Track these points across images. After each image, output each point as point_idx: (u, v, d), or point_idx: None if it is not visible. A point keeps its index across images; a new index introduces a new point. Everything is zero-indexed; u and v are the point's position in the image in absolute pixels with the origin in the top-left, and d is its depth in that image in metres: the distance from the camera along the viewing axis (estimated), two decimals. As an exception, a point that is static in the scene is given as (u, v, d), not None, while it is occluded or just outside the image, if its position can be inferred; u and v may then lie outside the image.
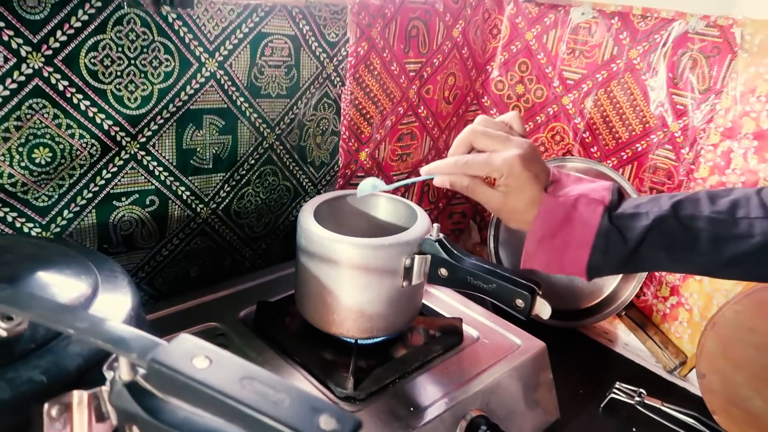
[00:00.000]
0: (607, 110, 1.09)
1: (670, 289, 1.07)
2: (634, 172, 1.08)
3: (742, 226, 0.54)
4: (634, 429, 0.91)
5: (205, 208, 0.84)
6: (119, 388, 0.38)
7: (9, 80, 0.61)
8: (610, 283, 1.11)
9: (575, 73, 1.11)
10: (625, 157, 1.09)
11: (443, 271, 0.69)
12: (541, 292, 0.65)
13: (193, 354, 0.36)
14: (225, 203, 0.86)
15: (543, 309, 0.64)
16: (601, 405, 0.95)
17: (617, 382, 0.97)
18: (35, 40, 0.62)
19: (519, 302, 0.65)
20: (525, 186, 0.59)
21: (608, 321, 1.13)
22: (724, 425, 0.90)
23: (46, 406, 0.38)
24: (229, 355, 0.36)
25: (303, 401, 0.34)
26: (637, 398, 0.95)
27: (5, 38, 0.60)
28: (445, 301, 0.89)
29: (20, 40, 0.61)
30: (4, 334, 0.40)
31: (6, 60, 0.61)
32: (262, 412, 0.33)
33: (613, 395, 0.96)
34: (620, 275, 1.10)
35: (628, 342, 1.13)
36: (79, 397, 0.39)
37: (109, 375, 0.40)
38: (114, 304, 0.47)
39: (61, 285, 0.46)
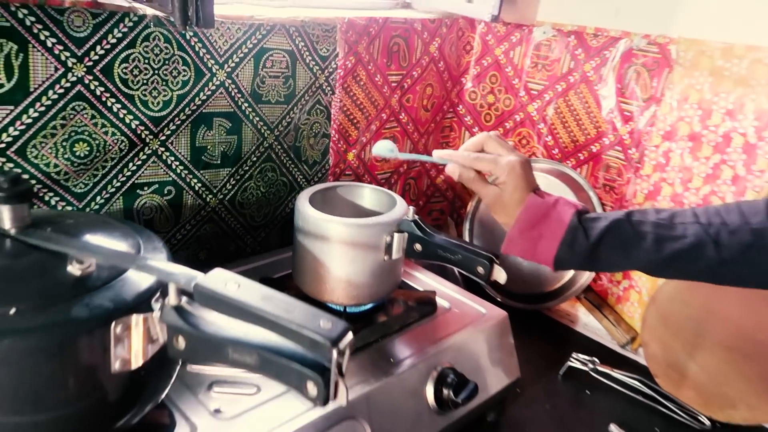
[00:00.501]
0: (565, 117, 1.24)
1: (623, 274, 1.21)
2: (590, 170, 1.23)
3: (678, 229, 0.68)
4: (587, 391, 1.05)
5: (213, 199, 0.97)
6: (168, 309, 0.51)
7: (57, 86, 0.74)
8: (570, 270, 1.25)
9: (538, 84, 1.26)
10: (582, 158, 1.23)
11: (418, 246, 0.82)
12: (498, 261, 0.78)
13: (226, 280, 0.49)
14: (230, 195, 0.99)
15: (500, 275, 0.78)
16: (560, 372, 1.09)
17: (574, 353, 1.11)
18: (79, 54, 0.75)
19: (480, 269, 0.78)
20: (518, 186, 0.73)
21: (569, 303, 1.27)
22: (664, 386, 1.04)
23: (113, 324, 0.51)
24: (252, 282, 0.49)
25: (308, 311, 0.47)
26: (591, 366, 1.08)
27: (56, 51, 0.73)
28: (421, 279, 1.02)
29: (68, 54, 0.74)
30: (78, 273, 0.53)
31: (56, 69, 0.74)
32: (280, 317, 0.46)
33: (570, 363, 1.09)
34: (579, 262, 1.24)
35: (587, 322, 1.26)
36: (136, 320, 0.52)
37: (156, 305, 0.53)
38: (154, 257, 0.59)
39: (113, 243, 0.59)
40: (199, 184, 0.94)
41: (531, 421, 0.97)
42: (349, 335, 0.46)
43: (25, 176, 0.74)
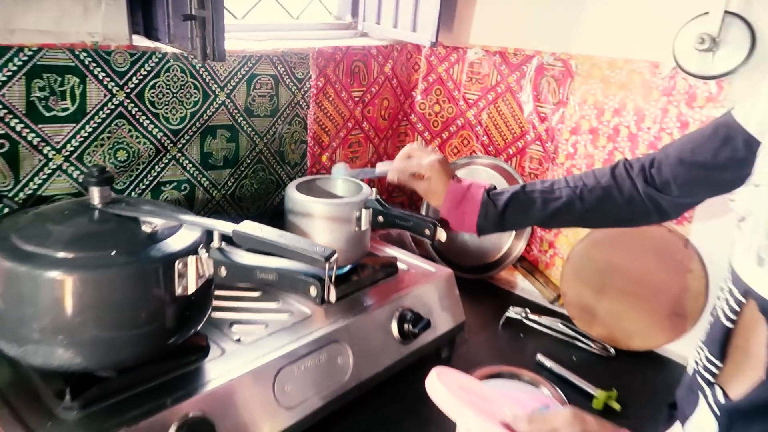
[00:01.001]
0: (496, 120, 1.53)
1: (548, 243, 1.51)
2: (518, 162, 1.52)
3: (556, 192, 0.97)
4: (521, 334, 1.33)
5: (218, 194, 1.22)
6: (214, 250, 0.76)
7: (105, 108, 0.99)
8: (505, 243, 1.53)
9: (473, 94, 1.55)
10: (511, 152, 1.53)
11: (380, 218, 1.09)
12: (440, 225, 1.06)
13: (254, 227, 0.75)
14: (231, 190, 1.25)
15: (442, 235, 1.05)
16: (500, 322, 1.37)
17: (511, 306, 1.39)
18: (121, 83, 1.00)
19: (427, 231, 1.05)
20: (440, 178, 1.01)
21: (508, 272, 1.56)
22: (579, 326, 1.33)
23: (176, 262, 0.76)
24: (270, 227, 0.76)
25: (308, 242, 0.74)
26: (524, 315, 1.36)
27: (105, 82, 0.98)
28: (385, 251, 1.29)
29: (113, 84, 0.99)
30: (148, 230, 0.78)
31: (105, 96, 0.99)
32: (291, 245, 0.72)
33: (508, 315, 1.37)
34: (512, 235, 1.52)
35: (523, 286, 1.55)
36: (191, 259, 0.77)
37: (202, 252, 0.78)
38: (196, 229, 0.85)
39: (167, 212, 0.84)
40: (207, 182, 1.19)
41: (476, 356, 1.23)
42: (336, 254, 0.73)
43: (82, 176, 0.98)
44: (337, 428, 0.98)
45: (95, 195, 0.80)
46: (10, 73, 0.88)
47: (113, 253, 0.73)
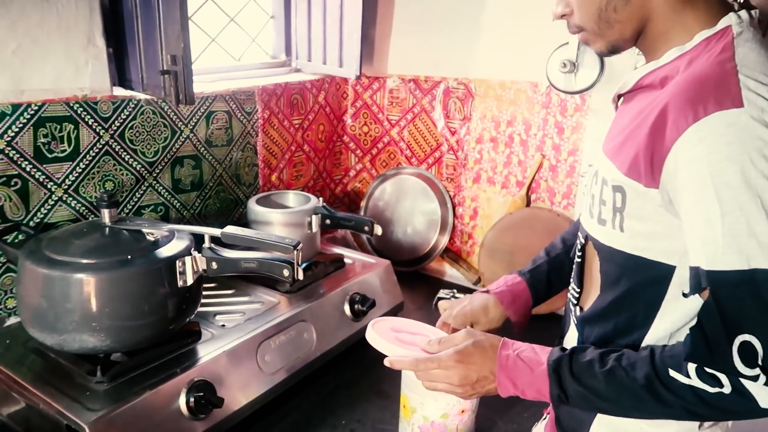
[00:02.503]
0: (416, 136, 1.82)
1: (468, 235, 1.81)
2: (437, 169, 1.82)
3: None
4: (450, 310, 1.60)
5: (187, 213, 1.44)
6: (206, 249, 1.00)
7: (95, 147, 1.21)
8: (432, 237, 1.82)
9: (395, 116, 1.84)
10: (431, 162, 1.82)
11: (328, 221, 1.35)
12: (375, 223, 1.32)
13: (236, 229, 0.99)
14: (198, 210, 1.47)
15: (378, 230, 1.32)
16: (433, 303, 1.64)
17: (441, 289, 1.67)
18: (106, 126, 1.22)
19: (366, 228, 1.32)
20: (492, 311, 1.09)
21: (437, 262, 1.84)
22: (496, 298, 1.62)
23: (177, 261, 0.98)
24: (248, 229, 1.00)
25: (280, 237, 0.99)
26: (451, 295, 1.64)
27: (94, 126, 1.20)
28: (333, 250, 1.54)
29: (100, 127, 1.21)
30: (152, 239, 1.01)
31: (94, 138, 1.20)
32: (267, 239, 0.97)
33: (439, 295, 1.64)
34: (438, 231, 1.81)
35: (451, 273, 1.84)
36: (189, 259, 1.00)
37: (195, 254, 1.01)
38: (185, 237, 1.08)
39: (163, 225, 1.06)
40: (179, 204, 1.41)
41: (415, 329, 1.50)
42: (301, 244, 0.98)
43: (78, 205, 1.19)
44: (309, 389, 1.23)
45: (106, 215, 1.02)
46: (21, 125, 1.09)
47: (129, 257, 0.96)
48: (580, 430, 0.87)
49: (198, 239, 1.04)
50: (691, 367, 0.68)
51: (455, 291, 1.66)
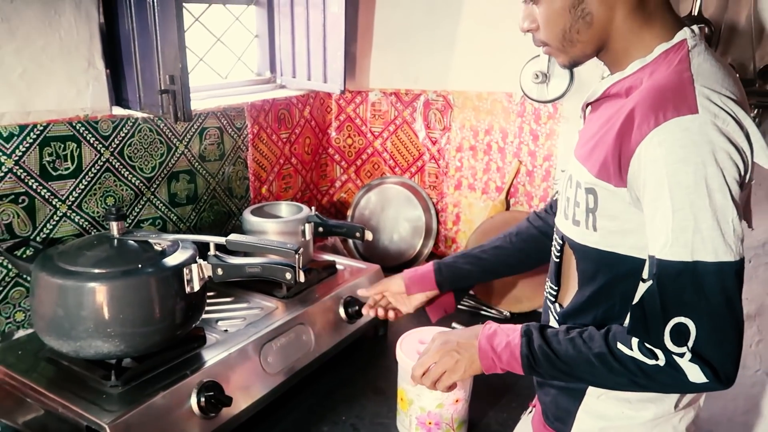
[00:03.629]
0: (398, 146, 1.91)
1: (451, 240, 1.89)
2: (420, 178, 1.90)
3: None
4: (438, 311, 1.68)
5: (183, 225, 1.50)
6: (212, 256, 1.06)
7: (96, 165, 1.26)
8: (417, 243, 1.90)
9: (378, 128, 1.93)
10: (413, 171, 1.91)
11: (320, 229, 1.42)
12: (365, 229, 1.40)
13: (238, 235, 1.06)
14: (194, 222, 1.53)
15: (369, 235, 1.40)
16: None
17: (427, 292, 1.74)
18: (106, 144, 1.27)
19: (357, 234, 1.39)
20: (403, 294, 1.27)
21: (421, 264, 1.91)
22: (481, 298, 1.70)
23: (184, 269, 1.04)
24: (250, 236, 1.06)
25: (282, 242, 1.05)
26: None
27: (95, 145, 1.25)
28: (325, 258, 1.61)
29: (100, 145, 1.26)
30: (160, 248, 1.06)
31: (95, 155, 1.25)
32: (270, 244, 1.04)
33: (425, 298, 1.72)
34: (422, 236, 1.89)
35: (436, 277, 1.91)
36: (195, 266, 1.06)
37: (201, 261, 1.07)
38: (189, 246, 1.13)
39: (168, 236, 1.12)
40: (175, 217, 1.47)
41: (405, 331, 1.57)
42: (301, 248, 1.05)
43: (82, 220, 1.24)
44: (310, 388, 1.29)
45: (114, 227, 1.07)
46: (27, 145, 1.14)
47: (139, 266, 1.01)
48: (566, 418, 0.94)
49: (201, 248, 1.10)
50: (635, 341, 0.76)
51: (441, 293, 1.75)
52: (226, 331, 1.22)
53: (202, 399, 1.03)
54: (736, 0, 1.40)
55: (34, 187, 1.17)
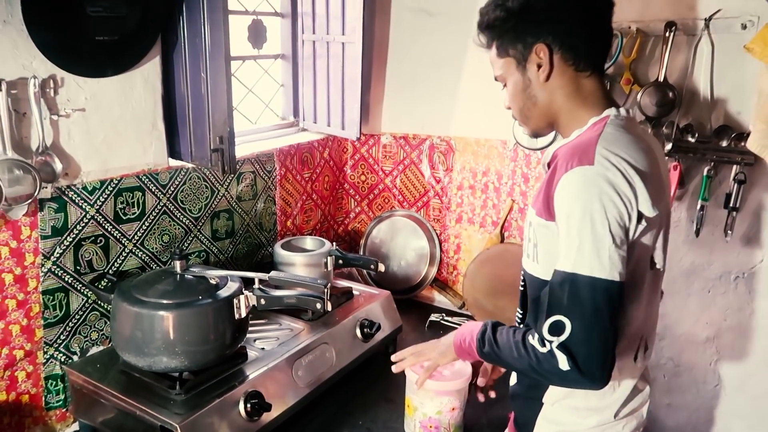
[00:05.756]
0: (407, 183, 2.16)
1: (452, 267, 2.13)
2: (426, 212, 2.15)
3: None
4: (441, 331, 1.92)
5: (223, 257, 1.75)
6: (256, 289, 1.31)
7: (156, 209, 1.51)
8: (422, 269, 2.14)
9: (388, 167, 2.18)
10: (420, 205, 2.16)
11: (340, 261, 1.67)
12: (379, 262, 1.64)
13: (278, 272, 1.31)
14: (231, 254, 1.78)
15: (381, 267, 1.64)
16: (426, 325, 1.96)
17: (432, 313, 1.99)
18: (164, 191, 1.53)
19: (372, 266, 1.64)
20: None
21: (427, 290, 2.16)
22: (479, 319, 1.94)
23: (234, 299, 1.29)
24: (290, 274, 1.31)
25: (313, 278, 1.30)
26: (441, 318, 1.96)
27: (155, 192, 1.50)
28: (343, 284, 1.86)
29: (160, 193, 1.52)
30: (214, 282, 1.31)
31: (155, 201, 1.51)
32: (304, 279, 1.29)
33: (431, 318, 1.97)
34: (428, 264, 2.14)
35: (440, 299, 2.16)
36: (243, 296, 1.30)
37: (247, 293, 1.32)
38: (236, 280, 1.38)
39: (217, 274, 1.37)
40: (216, 250, 1.72)
41: (412, 348, 1.81)
42: (329, 283, 1.29)
43: (144, 255, 1.50)
44: (332, 397, 1.53)
45: (177, 265, 1.32)
46: (106, 196, 1.39)
47: (200, 297, 1.26)
48: (529, 424, 1.15)
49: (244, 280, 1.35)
50: (536, 332, 0.96)
51: (444, 314, 1.99)
52: (263, 348, 1.46)
53: (249, 405, 1.27)
54: (696, 69, 1.65)
55: (109, 229, 1.42)
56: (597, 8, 1.05)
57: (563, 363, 0.91)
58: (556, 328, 0.92)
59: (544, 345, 0.94)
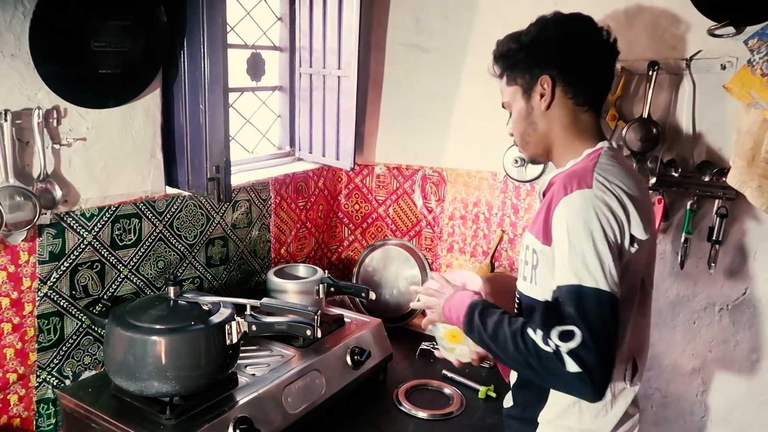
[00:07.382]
0: (399, 213, 2.20)
1: (444, 296, 2.16)
2: (418, 241, 2.19)
3: None
4: (431, 359, 1.94)
5: (217, 283, 1.78)
6: (249, 315, 1.33)
7: (152, 236, 1.55)
8: (414, 298, 2.16)
9: (382, 196, 2.22)
10: (412, 234, 2.19)
11: (332, 289, 1.70)
12: (370, 290, 1.67)
13: (270, 299, 1.33)
14: (225, 280, 1.81)
15: (372, 295, 1.67)
16: (416, 353, 1.97)
17: (423, 342, 2.00)
18: (161, 218, 1.56)
19: (363, 294, 1.67)
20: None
21: (419, 319, 2.18)
22: (468, 348, 1.96)
23: (226, 325, 1.32)
24: (281, 300, 1.34)
25: (303, 305, 1.33)
26: (432, 347, 1.98)
27: (152, 219, 1.54)
28: (334, 311, 1.88)
29: (156, 220, 1.55)
30: (207, 308, 1.34)
31: (151, 228, 1.54)
32: (295, 306, 1.32)
33: (422, 347, 1.98)
34: (419, 293, 2.16)
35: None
36: (234, 323, 1.33)
37: (239, 319, 1.35)
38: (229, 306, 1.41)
39: (212, 297, 1.40)
40: (210, 276, 1.75)
41: (402, 376, 1.83)
42: (319, 311, 1.32)
43: (139, 281, 1.53)
44: (321, 424, 1.54)
45: (171, 291, 1.35)
46: (103, 222, 1.43)
47: (192, 323, 1.29)
48: None
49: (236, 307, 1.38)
50: (540, 330, 1.00)
51: (434, 343, 2.01)
52: (254, 374, 1.48)
53: (238, 431, 1.29)
54: (679, 106, 1.71)
55: (106, 255, 1.46)
56: (601, 53, 1.15)
57: (572, 366, 0.94)
58: (566, 335, 0.96)
59: (547, 344, 0.97)
